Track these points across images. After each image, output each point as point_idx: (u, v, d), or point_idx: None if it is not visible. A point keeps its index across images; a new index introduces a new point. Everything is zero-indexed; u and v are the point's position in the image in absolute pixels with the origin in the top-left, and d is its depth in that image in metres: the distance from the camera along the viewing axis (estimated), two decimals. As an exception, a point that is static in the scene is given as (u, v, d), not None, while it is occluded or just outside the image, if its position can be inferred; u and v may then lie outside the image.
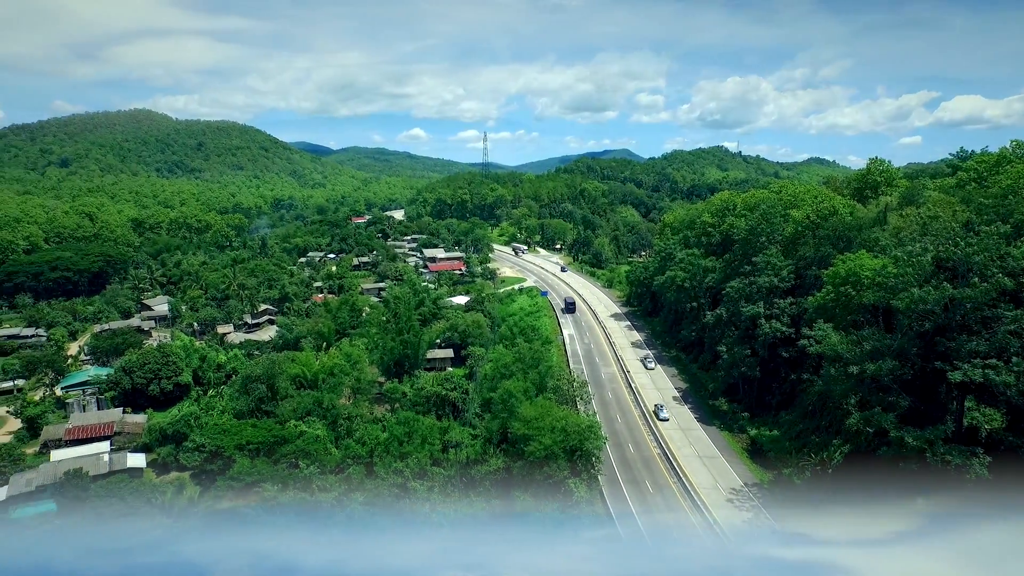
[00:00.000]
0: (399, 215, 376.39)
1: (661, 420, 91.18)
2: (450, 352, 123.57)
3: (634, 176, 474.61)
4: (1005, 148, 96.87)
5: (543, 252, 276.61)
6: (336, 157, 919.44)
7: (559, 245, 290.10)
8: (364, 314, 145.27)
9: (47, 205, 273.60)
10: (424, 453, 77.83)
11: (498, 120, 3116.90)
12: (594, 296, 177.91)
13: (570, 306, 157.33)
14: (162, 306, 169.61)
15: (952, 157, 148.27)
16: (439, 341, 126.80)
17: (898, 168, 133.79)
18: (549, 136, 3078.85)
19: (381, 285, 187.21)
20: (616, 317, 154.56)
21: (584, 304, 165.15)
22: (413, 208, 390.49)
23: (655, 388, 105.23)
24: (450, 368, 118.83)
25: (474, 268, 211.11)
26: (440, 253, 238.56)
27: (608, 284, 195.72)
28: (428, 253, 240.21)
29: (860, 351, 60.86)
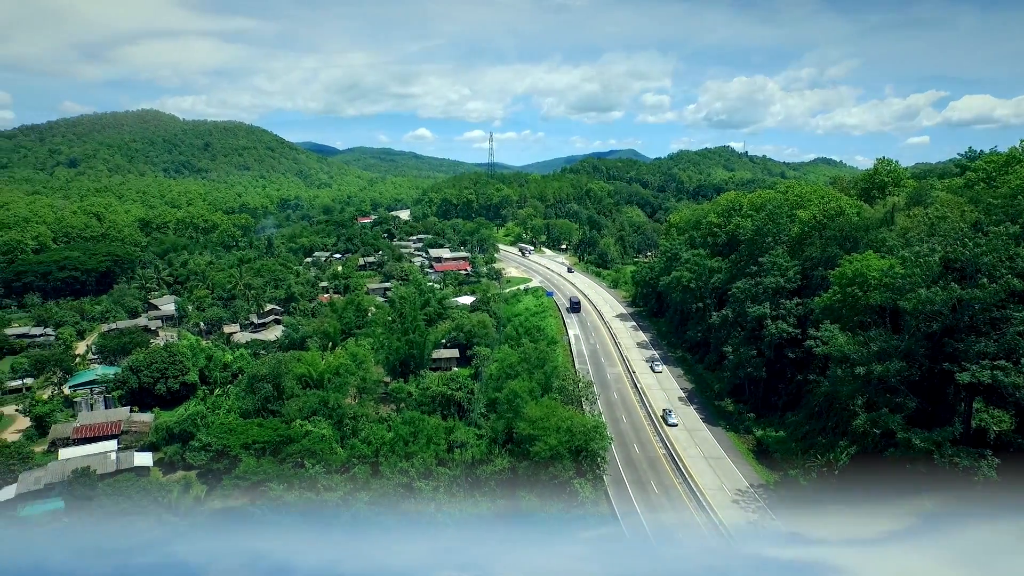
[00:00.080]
0: (405, 215, 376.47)
1: (670, 425, 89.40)
2: (455, 352, 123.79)
3: (640, 176, 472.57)
4: (1014, 148, 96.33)
5: (549, 252, 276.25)
6: (342, 157, 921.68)
7: (565, 245, 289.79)
8: (370, 314, 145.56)
9: (55, 205, 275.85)
10: (429, 453, 77.99)
11: (504, 120, 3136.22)
12: (599, 296, 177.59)
13: (575, 306, 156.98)
14: (169, 306, 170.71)
15: (960, 157, 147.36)
16: (444, 341, 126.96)
17: (906, 168, 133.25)
18: (555, 136, 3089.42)
19: (387, 285, 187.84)
20: (622, 317, 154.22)
21: (589, 304, 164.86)
22: (419, 208, 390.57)
23: (661, 389, 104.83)
24: (455, 368, 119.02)
25: (479, 268, 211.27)
26: (446, 253, 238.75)
27: (614, 284, 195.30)
28: (434, 253, 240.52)
29: (867, 352, 60.55)
